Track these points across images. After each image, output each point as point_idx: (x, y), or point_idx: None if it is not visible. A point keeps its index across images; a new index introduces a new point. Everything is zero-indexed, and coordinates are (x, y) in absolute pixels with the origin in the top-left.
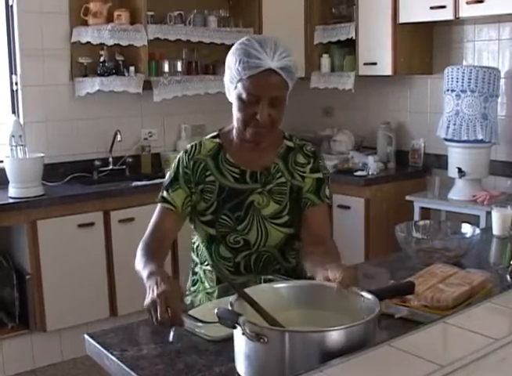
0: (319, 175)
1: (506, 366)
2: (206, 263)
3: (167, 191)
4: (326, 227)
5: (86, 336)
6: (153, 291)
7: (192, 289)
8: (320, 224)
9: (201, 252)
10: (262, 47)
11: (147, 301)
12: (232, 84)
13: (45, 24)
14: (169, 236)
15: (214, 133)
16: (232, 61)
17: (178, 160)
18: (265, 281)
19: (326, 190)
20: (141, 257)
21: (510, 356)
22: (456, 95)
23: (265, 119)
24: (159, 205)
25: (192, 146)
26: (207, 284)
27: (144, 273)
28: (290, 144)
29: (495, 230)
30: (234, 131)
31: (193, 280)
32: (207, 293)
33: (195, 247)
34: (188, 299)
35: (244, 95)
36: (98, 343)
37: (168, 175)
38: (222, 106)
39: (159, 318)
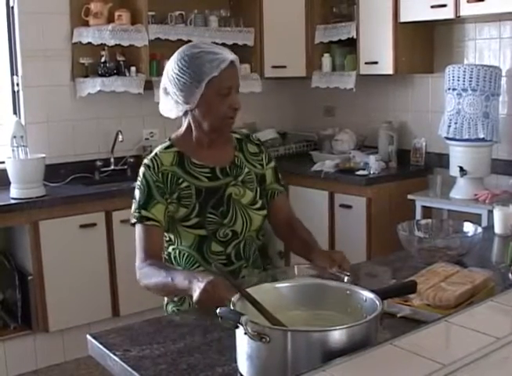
0: (273, 163)
1: (508, 365)
2: (196, 266)
3: (146, 209)
4: (291, 209)
5: (89, 336)
6: (199, 286)
7: (176, 299)
8: (288, 207)
9: (186, 258)
10: (212, 46)
11: (196, 295)
12: (198, 88)
13: (46, 25)
14: (160, 252)
15: (166, 144)
16: (193, 66)
17: (145, 177)
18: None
19: (279, 177)
20: (157, 270)
21: None
22: (458, 94)
23: (239, 106)
24: (139, 226)
25: (151, 161)
26: None
27: (178, 277)
28: (237, 136)
29: (497, 229)
30: (195, 134)
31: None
32: None
33: (174, 256)
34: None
35: (220, 90)
36: (100, 343)
37: (138, 194)
38: None
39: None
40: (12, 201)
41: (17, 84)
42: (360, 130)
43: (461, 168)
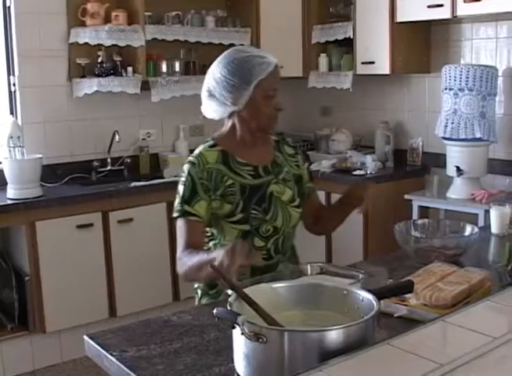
0: (307, 164)
1: (505, 364)
2: None
3: (189, 204)
4: (322, 204)
5: (85, 337)
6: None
7: (211, 292)
8: (320, 203)
9: None
10: (258, 51)
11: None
12: (246, 90)
13: (43, 25)
14: (201, 246)
15: (209, 143)
16: (242, 69)
17: (190, 174)
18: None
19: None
20: (190, 256)
21: (509, 354)
22: (454, 94)
23: (281, 107)
24: (182, 220)
25: (196, 159)
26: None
27: (203, 256)
28: (274, 138)
29: (494, 229)
30: (238, 134)
31: (210, 285)
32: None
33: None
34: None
35: (268, 92)
36: (97, 344)
37: (183, 189)
38: None
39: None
40: (9, 202)
41: (14, 85)
42: (357, 130)
43: (458, 168)
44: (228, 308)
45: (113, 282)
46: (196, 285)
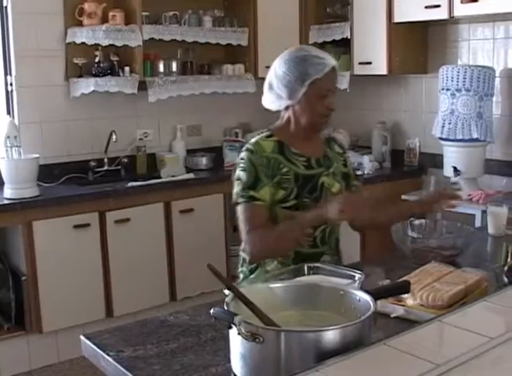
0: (351, 165)
1: (501, 364)
2: None
3: (254, 189)
4: None
5: (82, 337)
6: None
7: (252, 277)
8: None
9: None
10: (317, 51)
11: (337, 207)
12: (302, 87)
13: (40, 25)
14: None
15: (266, 134)
16: (301, 67)
17: (251, 161)
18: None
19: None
20: (274, 228)
21: (506, 354)
22: (451, 95)
23: (334, 107)
24: (247, 205)
25: (254, 147)
26: (274, 267)
27: (300, 218)
28: (323, 136)
29: (491, 229)
30: (292, 127)
31: (251, 269)
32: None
33: None
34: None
35: (321, 91)
36: (94, 344)
37: (245, 175)
38: (217, 106)
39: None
40: (6, 201)
41: (11, 84)
42: (354, 130)
43: (455, 169)
44: (225, 308)
45: (110, 282)
46: (239, 269)
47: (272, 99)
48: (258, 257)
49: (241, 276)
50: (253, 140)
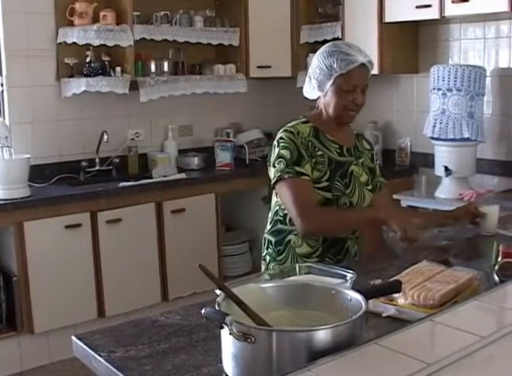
0: (377, 161)
1: (492, 363)
2: None
3: (299, 166)
4: (392, 197)
5: (73, 338)
6: (395, 216)
7: (279, 258)
8: (390, 197)
9: None
10: (351, 47)
11: (395, 225)
12: (329, 80)
13: (31, 25)
14: (315, 202)
15: (302, 119)
16: (328, 61)
17: (292, 140)
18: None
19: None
20: (338, 210)
21: (497, 353)
22: (443, 94)
23: (361, 103)
24: (294, 181)
25: (293, 129)
26: (303, 249)
27: (369, 211)
28: (355, 132)
29: (483, 228)
30: (324, 116)
31: (278, 251)
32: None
33: (288, 217)
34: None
35: (345, 86)
36: (85, 344)
37: (288, 153)
38: (209, 106)
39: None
40: None
41: (1, 85)
42: None
43: (446, 168)
44: (217, 308)
45: (102, 282)
46: (264, 252)
47: (308, 89)
48: (314, 232)
49: (267, 258)
50: (290, 124)
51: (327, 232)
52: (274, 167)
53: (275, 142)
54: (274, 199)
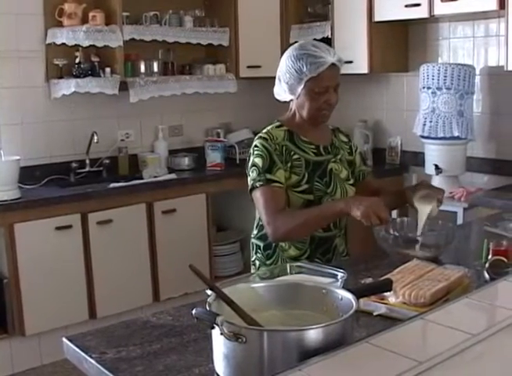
0: (359, 150)
1: (483, 361)
2: None
3: (270, 173)
4: (378, 182)
5: (64, 339)
6: (360, 203)
7: (269, 262)
8: (376, 182)
9: None
10: (319, 48)
11: (361, 210)
12: (299, 84)
13: (20, 26)
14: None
15: (276, 124)
16: (297, 65)
17: (265, 147)
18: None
19: (364, 160)
20: (299, 211)
21: (488, 350)
22: (432, 93)
23: (334, 102)
24: (265, 188)
25: (267, 135)
26: (291, 252)
27: (326, 205)
28: (330, 127)
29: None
30: (298, 118)
31: (267, 255)
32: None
33: None
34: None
35: (317, 89)
36: (76, 346)
37: (260, 161)
38: (199, 106)
39: (380, 218)
40: None
41: None
42: None
43: (436, 166)
44: (207, 308)
45: (93, 283)
46: (253, 257)
47: (278, 91)
48: (282, 238)
49: (257, 263)
50: (264, 130)
51: (296, 234)
52: (249, 175)
53: (250, 150)
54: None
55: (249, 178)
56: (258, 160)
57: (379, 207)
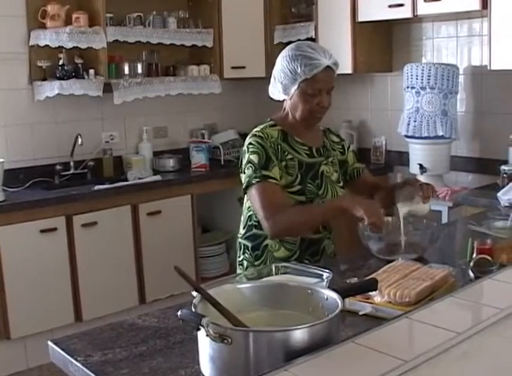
0: (351, 148)
1: (468, 359)
2: None
3: (266, 169)
4: (374, 178)
5: (50, 343)
6: (361, 202)
7: (257, 263)
8: (372, 178)
9: None
10: (315, 50)
11: (364, 208)
12: (293, 84)
13: (2, 27)
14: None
15: (270, 123)
16: (291, 66)
17: (260, 144)
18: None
19: (358, 157)
20: (298, 208)
21: (473, 349)
22: (416, 93)
23: (327, 105)
24: (262, 185)
25: (261, 133)
26: (281, 252)
27: (326, 203)
28: (321, 128)
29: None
30: (291, 118)
31: (256, 255)
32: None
33: None
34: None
35: (310, 91)
36: (62, 349)
37: (256, 158)
38: (183, 108)
39: (378, 221)
40: None
41: None
42: None
43: (421, 166)
44: (193, 310)
45: (78, 286)
46: (241, 258)
47: (273, 91)
48: (281, 233)
49: (245, 263)
50: (257, 128)
51: (295, 231)
52: (244, 173)
53: (244, 148)
54: (246, 203)
55: (243, 176)
56: (254, 157)
57: (377, 211)
